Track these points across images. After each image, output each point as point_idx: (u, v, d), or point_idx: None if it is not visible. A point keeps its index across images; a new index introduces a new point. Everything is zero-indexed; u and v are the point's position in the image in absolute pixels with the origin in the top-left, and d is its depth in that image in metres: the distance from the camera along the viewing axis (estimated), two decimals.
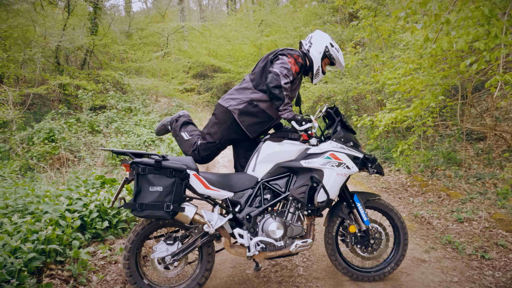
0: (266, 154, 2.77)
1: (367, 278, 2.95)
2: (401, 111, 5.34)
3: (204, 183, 2.62)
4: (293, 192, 2.73)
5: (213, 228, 2.57)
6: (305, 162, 2.72)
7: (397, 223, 2.98)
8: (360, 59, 7.71)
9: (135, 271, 2.58)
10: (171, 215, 2.45)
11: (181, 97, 13.05)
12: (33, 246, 2.68)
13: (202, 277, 2.70)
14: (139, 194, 2.40)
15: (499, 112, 7.24)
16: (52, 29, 11.18)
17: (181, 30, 15.35)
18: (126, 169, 2.50)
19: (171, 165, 2.44)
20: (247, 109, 2.80)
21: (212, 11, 35.56)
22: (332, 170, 2.70)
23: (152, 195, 2.41)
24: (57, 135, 7.99)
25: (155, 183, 2.42)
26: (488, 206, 4.44)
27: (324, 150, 2.76)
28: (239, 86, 2.90)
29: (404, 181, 6.09)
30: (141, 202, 2.39)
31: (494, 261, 3.27)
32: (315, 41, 2.92)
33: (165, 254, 2.61)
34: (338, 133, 2.83)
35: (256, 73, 2.86)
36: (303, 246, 2.74)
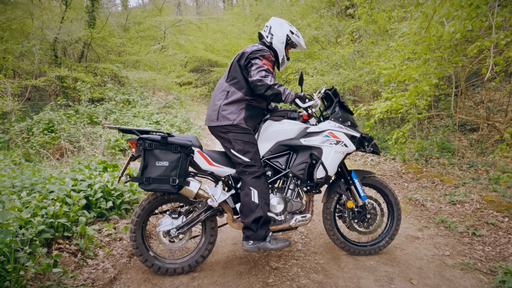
0: (267, 133, 2.88)
1: (363, 252, 3.09)
2: (396, 99, 5.47)
3: (208, 160, 2.75)
4: (293, 169, 2.85)
5: (217, 202, 2.69)
6: (305, 140, 2.85)
7: (391, 199, 3.13)
8: (356, 51, 7.82)
9: (141, 244, 2.70)
10: (176, 189, 2.57)
11: (178, 90, 13.12)
12: (43, 220, 2.78)
13: (206, 250, 2.83)
14: (146, 168, 2.52)
15: (492, 104, 7.40)
16: (49, 22, 11.19)
17: (178, 24, 15.40)
18: (132, 146, 2.61)
19: (177, 141, 2.57)
20: (250, 114, 2.79)
21: (209, 7, 35.50)
22: (331, 148, 2.83)
23: (158, 170, 2.53)
24: (56, 126, 8.04)
25: (161, 158, 2.54)
26: (480, 189, 4.59)
27: (323, 129, 2.88)
28: (226, 100, 2.73)
29: (399, 168, 6.23)
30: (148, 176, 2.51)
31: (485, 237, 3.41)
32: (276, 32, 2.90)
33: (170, 227, 2.73)
34: (337, 113, 2.94)
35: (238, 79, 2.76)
36: (303, 220, 2.89)
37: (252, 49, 2.73)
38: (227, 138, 2.74)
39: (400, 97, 5.53)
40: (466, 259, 3.02)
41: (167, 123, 9.61)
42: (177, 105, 11.99)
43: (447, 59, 4.99)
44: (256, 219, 2.63)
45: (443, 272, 2.83)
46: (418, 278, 2.73)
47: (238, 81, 2.76)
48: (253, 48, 2.73)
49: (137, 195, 4.16)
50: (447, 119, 7.86)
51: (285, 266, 2.93)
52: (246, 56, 2.72)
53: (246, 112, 2.76)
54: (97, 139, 8.09)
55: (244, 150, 2.71)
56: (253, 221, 2.63)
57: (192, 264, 2.80)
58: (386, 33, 7.39)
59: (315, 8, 10.93)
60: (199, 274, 2.81)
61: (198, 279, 2.73)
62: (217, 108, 2.74)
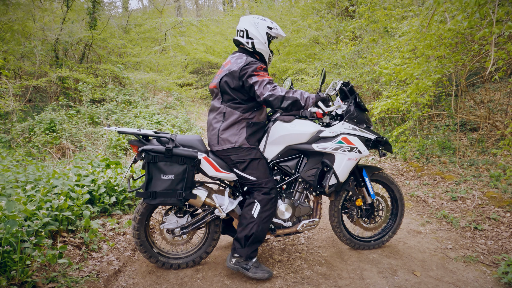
0: (277, 136, 2.71)
1: (367, 247, 3.10)
2: (397, 98, 5.49)
3: (215, 166, 2.62)
4: (303, 174, 2.75)
5: (224, 213, 2.65)
6: (317, 146, 2.70)
7: (396, 194, 3.13)
8: (357, 50, 7.86)
9: (144, 240, 2.67)
10: (183, 202, 2.51)
11: (179, 91, 13.15)
12: (47, 213, 2.79)
13: (210, 246, 2.82)
14: (150, 182, 2.40)
15: (492, 104, 7.43)
16: (51, 23, 11.24)
17: (179, 25, 15.46)
18: (133, 150, 2.50)
19: (183, 153, 2.44)
20: (251, 131, 2.63)
21: (209, 10, 35.64)
22: (344, 155, 2.71)
23: (163, 183, 2.41)
24: (58, 126, 8.07)
25: (166, 171, 2.42)
26: (481, 186, 4.61)
27: (336, 133, 2.74)
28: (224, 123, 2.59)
29: (400, 167, 6.25)
30: (153, 190, 2.40)
31: (487, 231, 3.43)
32: (254, 34, 2.65)
33: (175, 226, 2.70)
34: (352, 113, 2.78)
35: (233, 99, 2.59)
36: (310, 225, 2.84)
37: (239, 65, 2.53)
38: (231, 160, 2.61)
39: (402, 94, 5.56)
40: (469, 252, 3.04)
41: (168, 124, 9.63)
42: (178, 106, 12.02)
43: (448, 58, 5.02)
44: (246, 235, 2.55)
45: (446, 264, 2.84)
46: (421, 270, 2.74)
47: (233, 101, 2.59)
48: (240, 65, 2.52)
49: None
50: (447, 119, 7.90)
51: (288, 259, 2.94)
52: (238, 76, 2.52)
53: (248, 131, 2.60)
54: (98, 139, 8.12)
55: (249, 168, 2.59)
56: (244, 236, 2.55)
57: (196, 259, 2.80)
58: (386, 33, 7.44)
59: (316, 9, 10.98)
60: (203, 266, 2.82)
61: (202, 271, 2.74)
62: (216, 132, 2.60)
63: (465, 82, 5.88)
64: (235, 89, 2.55)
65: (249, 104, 2.61)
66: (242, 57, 2.60)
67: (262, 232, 2.58)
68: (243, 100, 2.59)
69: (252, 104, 2.62)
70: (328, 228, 3.63)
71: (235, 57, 2.65)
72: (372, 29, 7.45)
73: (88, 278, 2.52)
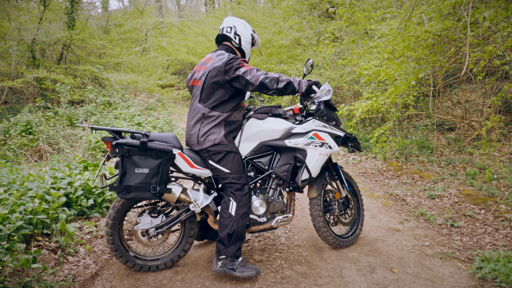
0: (251, 133, 2.76)
1: (348, 244, 3.14)
2: (376, 99, 5.58)
3: (189, 162, 2.61)
4: (277, 170, 2.80)
5: (199, 208, 2.64)
6: (289, 142, 2.77)
7: (355, 189, 3.30)
8: (337, 52, 7.94)
9: (119, 245, 2.61)
10: (157, 196, 2.46)
11: (160, 93, 13.02)
12: (21, 216, 2.71)
13: (187, 244, 2.79)
14: (124, 176, 2.36)
15: (468, 104, 7.62)
16: (27, 23, 10.96)
17: (160, 26, 15.31)
18: (107, 147, 2.44)
19: (157, 147, 2.42)
20: (229, 129, 2.67)
21: (191, 10, 35.45)
22: (315, 150, 2.81)
23: (138, 177, 2.38)
24: (34, 128, 7.87)
25: (140, 164, 2.39)
26: (458, 184, 4.71)
27: (307, 129, 2.83)
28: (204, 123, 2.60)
29: (380, 166, 6.34)
30: (127, 184, 2.36)
31: (462, 228, 3.51)
32: (242, 32, 2.76)
33: (149, 226, 2.65)
34: (322, 112, 2.88)
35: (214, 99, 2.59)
36: (284, 221, 2.87)
37: (223, 61, 2.55)
38: (208, 152, 2.62)
39: (381, 95, 5.64)
40: (445, 249, 3.10)
41: (149, 125, 9.52)
42: (159, 107, 11.89)
43: (425, 59, 5.12)
44: (229, 234, 2.54)
45: (423, 261, 2.89)
46: (399, 267, 2.78)
47: (213, 101, 2.58)
48: (224, 60, 2.55)
49: None
50: (426, 119, 8.06)
51: (269, 258, 2.94)
52: (223, 70, 2.52)
53: (226, 129, 2.64)
54: (77, 141, 7.94)
55: (224, 160, 2.60)
56: (226, 235, 2.54)
57: (174, 259, 2.76)
58: (366, 34, 7.55)
59: (297, 11, 11.05)
60: (183, 268, 2.79)
61: (182, 273, 2.71)
62: (196, 132, 2.60)
63: (442, 83, 6.01)
64: (219, 84, 2.55)
65: (229, 104, 2.63)
66: (224, 54, 2.62)
67: (242, 228, 2.59)
68: (224, 100, 2.59)
69: (232, 104, 2.64)
70: (309, 227, 3.65)
71: (216, 54, 2.66)
72: (352, 30, 7.55)
73: (64, 282, 2.46)
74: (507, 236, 3.25)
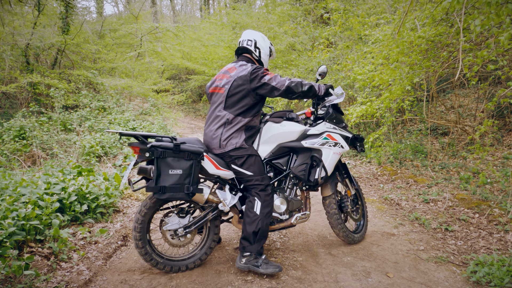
0: (269, 135, 2.93)
1: (359, 239, 3.35)
2: (371, 104, 5.61)
3: (215, 164, 2.72)
4: (294, 170, 2.96)
5: (228, 207, 2.76)
6: (306, 143, 2.95)
7: (358, 186, 3.45)
8: (332, 57, 7.99)
9: (148, 248, 2.65)
10: (190, 196, 2.56)
11: (155, 98, 13.00)
12: (13, 222, 2.69)
13: (209, 248, 2.89)
14: (159, 177, 2.46)
15: (462, 109, 7.69)
16: (21, 27, 10.92)
17: (155, 31, 15.31)
18: (134, 151, 2.52)
19: (189, 148, 2.53)
20: (249, 134, 2.81)
21: (186, 16, 35.52)
22: (330, 150, 3.00)
23: (172, 178, 2.49)
24: (28, 133, 7.81)
25: (174, 166, 2.49)
26: (452, 189, 4.74)
27: (321, 131, 3.01)
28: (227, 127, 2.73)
29: (374, 171, 6.36)
30: (162, 185, 2.46)
31: (457, 232, 3.52)
32: (261, 45, 2.93)
33: (177, 226, 2.74)
34: (331, 115, 3.08)
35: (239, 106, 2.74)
36: (302, 218, 3.02)
37: (248, 70, 2.71)
38: (230, 157, 2.74)
39: (375, 100, 5.68)
40: (440, 253, 3.11)
41: (144, 130, 9.49)
42: (154, 112, 11.87)
43: (419, 64, 5.17)
44: (254, 231, 2.67)
45: (418, 265, 2.89)
46: (394, 272, 2.78)
47: (238, 107, 2.73)
48: (248, 69, 2.71)
49: (113, 199, 4.08)
50: (420, 123, 8.11)
51: None
52: (249, 79, 2.68)
53: (246, 134, 2.77)
54: (71, 146, 7.89)
55: (246, 164, 2.74)
56: (252, 232, 2.67)
57: (202, 257, 2.86)
58: (360, 40, 7.60)
59: (292, 16, 11.11)
60: (177, 274, 2.77)
61: (176, 279, 2.69)
62: (218, 136, 2.72)
63: (436, 88, 6.06)
64: (244, 91, 2.71)
65: (252, 110, 2.79)
66: (247, 64, 2.80)
67: (266, 227, 2.73)
68: (248, 107, 2.75)
69: (254, 111, 2.81)
70: (304, 232, 3.65)
71: (238, 64, 2.82)
72: (346, 36, 7.60)
73: None
74: (500, 240, 3.26)
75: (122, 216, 3.99)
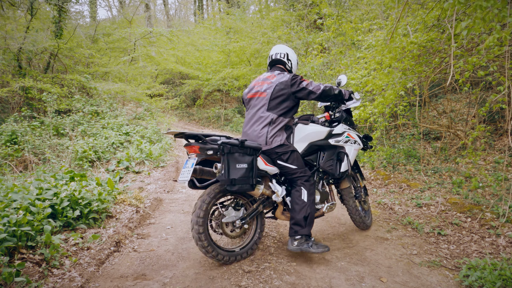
0: (303, 135, 3.27)
1: (370, 225, 3.86)
2: (364, 109, 5.65)
3: (264, 160, 3.02)
4: (323, 165, 3.36)
5: (280, 197, 3.09)
6: (333, 141, 3.41)
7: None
8: (325, 62, 8.04)
9: (210, 242, 2.83)
10: (253, 188, 2.83)
11: (149, 102, 12.95)
12: (4, 229, 2.65)
13: (258, 239, 3.17)
14: (229, 170, 2.71)
15: (454, 114, 7.77)
16: (13, 31, 10.84)
17: (149, 35, 15.29)
18: (190, 151, 2.84)
19: (251, 145, 2.82)
20: (288, 133, 3.14)
21: (180, 20, 35.53)
22: (351, 146, 3.51)
23: (239, 171, 2.74)
24: (20, 138, 7.74)
25: (240, 160, 2.76)
26: (445, 193, 4.78)
27: (342, 131, 3.49)
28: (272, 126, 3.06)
29: (368, 175, 6.38)
30: (232, 177, 2.71)
31: (449, 236, 3.54)
32: (292, 57, 3.38)
33: (234, 218, 2.99)
34: (346, 118, 3.58)
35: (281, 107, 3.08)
36: (331, 207, 3.45)
37: (287, 77, 3.09)
38: (276, 154, 3.05)
39: (369, 105, 5.72)
40: (433, 257, 3.12)
41: (137, 134, 9.44)
42: (147, 116, 11.82)
43: (411, 69, 5.22)
44: (305, 216, 2.98)
45: (411, 269, 2.91)
46: (388, 276, 2.79)
47: (280, 109, 3.08)
48: (288, 76, 3.10)
49: (106, 204, 4.05)
50: (412, 128, 8.18)
51: (257, 269, 2.92)
52: (289, 84, 3.06)
53: (286, 132, 3.11)
54: (63, 151, 7.83)
55: (291, 159, 3.06)
56: (303, 217, 2.97)
57: (253, 247, 3.13)
58: (353, 45, 7.66)
59: (285, 22, 11.18)
60: (171, 280, 2.76)
61: (170, 285, 2.67)
62: (264, 134, 3.04)
63: (428, 93, 6.12)
64: (285, 95, 3.08)
65: (291, 112, 3.17)
66: (284, 73, 3.19)
67: (313, 212, 3.06)
68: (289, 108, 3.12)
69: (292, 112, 3.19)
70: None
71: (276, 73, 3.20)
72: (340, 41, 7.66)
73: None
74: (492, 244, 3.29)
75: (115, 222, 3.96)
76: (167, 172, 6.83)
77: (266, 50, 10.98)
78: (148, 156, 7.55)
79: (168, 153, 8.98)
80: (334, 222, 4.12)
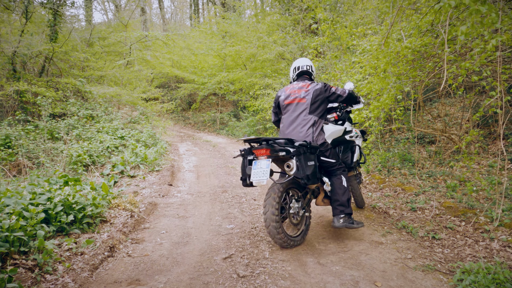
0: (328, 133, 3.78)
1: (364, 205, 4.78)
2: (359, 113, 5.68)
3: None
4: (342, 157, 4.12)
5: (330, 187, 3.63)
6: (348, 137, 4.12)
7: None
8: (321, 66, 8.07)
9: (284, 231, 3.28)
10: (319, 181, 3.50)
11: (144, 106, 12.93)
12: None
13: (309, 225, 3.65)
14: (303, 168, 3.17)
15: (448, 118, 7.82)
16: (8, 35, 10.80)
17: (145, 39, 15.29)
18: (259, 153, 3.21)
19: (314, 145, 3.39)
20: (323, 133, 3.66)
21: (175, 24, 35.56)
22: (360, 140, 4.37)
23: (310, 168, 3.26)
24: (14, 142, 7.69)
25: (310, 158, 3.30)
26: (439, 197, 4.79)
27: (351, 128, 4.17)
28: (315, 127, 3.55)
29: (363, 179, 6.39)
30: (306, 174, 3.18)
31: (444, 240, 3.56)
32: (313, 69, 3.99)
33: (297, 209, 3.49)
34: (348, 118, 4.23)
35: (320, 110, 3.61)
36: None
37: (321, 85, 3.66)
38: (320, 151, 3.57)
39: (364, 110, 5.74)
40: (427, 261, 3.13)
41: (132, 138, 9.42)
42: (143, 120, 11.80)
43: (405, 74, 5.25)
44: (348, 198, 3.56)
45: (405, 274, 2.91)
46: (382, 281, 2.79)
47: (319, 112, 3.61)
48: (321, 84, 3.67)
49: (100, 209, 4.03)
50: (407, 132, 8.21)
51: (252, 274, 2.91)
52: (324, 90, 3.63)
53: (323, 132, 3.63)
54: (58, 155, 7.79)
55: (331, 154, 3.65)
56: (346, 199, 3.53)
57: (304, 237, 3.57)
58: (348, 50, 7.70)
59: (281, 26, 11.22)
60: (165, 285, 2.74)
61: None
62: (311, 134, 3.51)
63: (422, 97, 6.15)
64: (321, 100, 3.62)
65: (326, 114, 3.74)
66: (315, 82, 3.78)
67: (350, 195, 3.67)
68: (324, 111, 3.67)
69: (326, 114, 3.75)
70: None
71: (308, 82, 3.74)
72: (335, 46, 7.70)
73: None
74: (486, 248, 3.31)
75: (109, 227, 3.94)
76: (162, 176, 6.81)
77: (262, 54, 11.02)
78: (143, 160, 7.52)
79: (163, 157, 8.95)
80: (329, 226, 4.13)
